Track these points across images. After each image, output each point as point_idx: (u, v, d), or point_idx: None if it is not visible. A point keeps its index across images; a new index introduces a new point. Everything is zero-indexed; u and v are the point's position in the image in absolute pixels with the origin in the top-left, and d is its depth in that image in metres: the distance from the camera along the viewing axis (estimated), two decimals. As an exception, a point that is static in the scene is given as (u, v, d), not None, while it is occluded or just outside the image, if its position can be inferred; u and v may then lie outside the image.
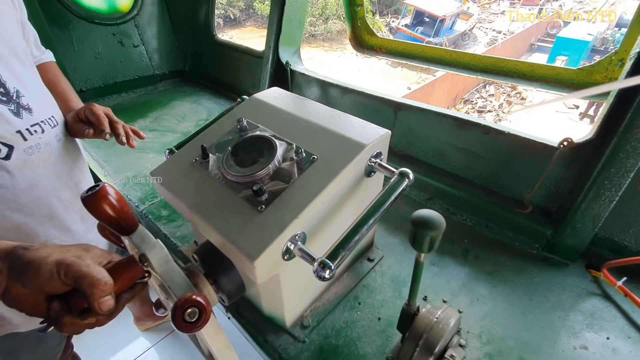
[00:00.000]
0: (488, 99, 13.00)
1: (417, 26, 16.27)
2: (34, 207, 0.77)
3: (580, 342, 0.77)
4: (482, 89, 13.45)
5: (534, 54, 16.55)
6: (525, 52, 16.57)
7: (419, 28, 16.16)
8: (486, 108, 12.31)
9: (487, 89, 13.37)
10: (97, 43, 1.94)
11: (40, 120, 0.79)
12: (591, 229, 0.90)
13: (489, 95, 13.13)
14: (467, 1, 19.33)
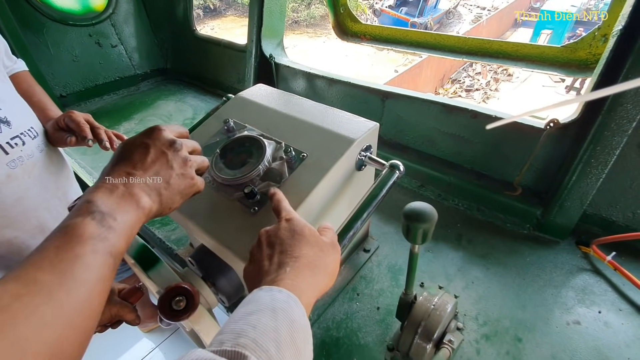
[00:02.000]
0: (475, 77, 12.99)
1: (401, 7, 16.05)
2: (23, 220, 0.76)
3: (573, 318, 0.80)
4: (469, 67, 13.41)
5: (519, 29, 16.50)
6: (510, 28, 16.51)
7: (403, 9, 15.95)
8: (474, 87, 12.32)
9: (474, 67, 13.33)
10: (74, 45, 1.88)
11: (20, 133, 0.77)
12: (579, 206, 0.92)
13: (476, 74, 13.11)
14: (450, -22, 19.08)
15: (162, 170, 0.48)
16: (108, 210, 0.41)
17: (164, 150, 0.49)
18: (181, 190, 0.51)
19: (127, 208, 0.43)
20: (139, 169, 0.46)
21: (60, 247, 0.36)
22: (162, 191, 0.48)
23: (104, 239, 0.38)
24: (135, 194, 0.44)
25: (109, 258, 0.38)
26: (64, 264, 0.34)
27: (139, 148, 0.48)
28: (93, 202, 0.41)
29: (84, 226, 0.38)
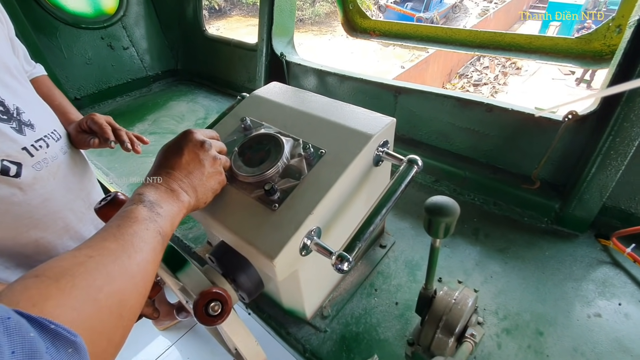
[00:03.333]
0: (483, 71, 12.84)
1: (406, 2, 15.92)
2: (49, 221, 0.78)
3: (593, 311, 0.79)
4: (476, 61, 13.27)
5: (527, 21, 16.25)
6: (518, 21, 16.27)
7: (409, 4, 15.81)
8: (482, 81, 12.18)
9: (481, 61, 13.19)
10: (87, 48, 1.91)
11: (44, 135, 0.79)
12: (599, 199, 0.91)
13: (484, 68, 12.96)
14: (456, -28, 18.85)
15: (196, 169, 0.57)
16: (155, 200, 0.50)
17: (196, 151, 0.58)
18: (212, 186, 0.60)
19: (170, 201, 0.52)
20: (176, 169, 0.55)
21: (121, 225, 0.44)
22: (197, 187, 0.57)
23: (154, 221, 0.47)
24: (175, 190, 0.53)
25: (158, 235, 0.47)
26: (125, 237, 0.43)
27: (175, 151, 0.57)
28: (143, 194, 0.50)
29: (137, 211, 0.47)
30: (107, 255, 0.40)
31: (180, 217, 0.53)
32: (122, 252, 0.41)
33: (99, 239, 0.42)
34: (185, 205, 0.54)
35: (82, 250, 0.40)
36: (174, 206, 0.52)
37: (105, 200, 0.64)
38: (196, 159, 0.58)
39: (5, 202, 0.70)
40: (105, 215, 0.63)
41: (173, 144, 0.59)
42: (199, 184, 0.58)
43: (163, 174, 0.55)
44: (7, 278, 0.75)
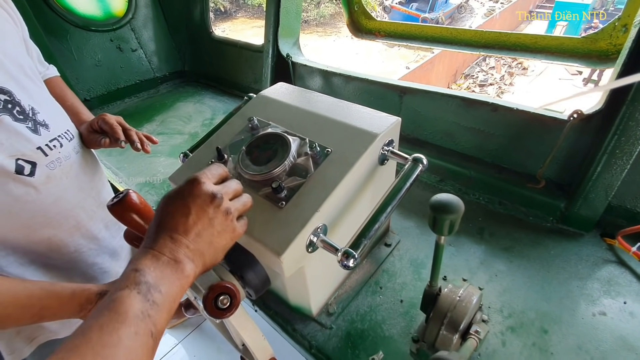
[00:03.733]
0: (489, 72, 12.77)
1: (411, 2, 15.89)
2: (62, 219, 0.80)
3: (598, 309, 0.79)
4: (482, 62, 13.20)
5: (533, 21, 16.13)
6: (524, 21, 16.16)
7: (414, 4, 15.78)
8: (488, 81, 12.11)
9: (487, 61, 13.11)
10: (96, 50, 1.95)
11: (58, 135, 0.81)
12: (604, 198, 0.91)
13: (490, 68, 12.89)
14: (461, -28, 18.79)
15: (204, 230, 0.48)
16: (154, 281, 0.41)
17: (204, 208, 0.48)
18: (223, 246, 0.52)
19: (172, 278, 0.43)
20: (181, 233, 0.46)
21: (104, 327, 0.36)
22: (205, 252, 0.48)
23: (147, 317, 0.38)
24: (180, 261, 0.45)
25: (150, 340, 0.38)
26: (106, 350, 0.34)
27: (180, 208, 0.48)
28: (140, 270, 0.41)
29: (129, 302, 0.38)
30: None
31: (182, 295, 0.45)
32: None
33: (75, 352, 0.34)
34: (190, 279, 0.46)
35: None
36: (175, 285, 0.43)
37: (117, 198, 0.66)
38: (205, 217, 0.48)
39: (19, 200, 0.72)
40: (117, 212, 0.64)
41: (177, 197, 0.49)
42: (207, 248, 0.48)
43: (167, 239, 0.46)
44: (21, 274, 0.77)
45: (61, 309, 0.69)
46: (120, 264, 0.99)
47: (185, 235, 0.47)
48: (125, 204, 0.64)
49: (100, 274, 0.92)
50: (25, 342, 0.85)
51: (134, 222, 0.65)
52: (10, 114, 0.71)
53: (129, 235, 0.81)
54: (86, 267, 0.88)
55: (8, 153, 0.69)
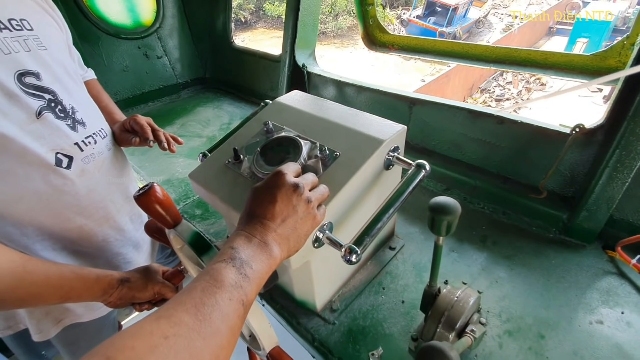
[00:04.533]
0: (506, 87, 12.68)
1: (429, 17, 16.00)
2: (93, 210, 0.87)
3: (596, 317, 0.81)
4: (499, 77, 13.13)
5: (552, 37, 15.99)
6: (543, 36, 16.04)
7: (431, 18, 15.89)
8: (504, 96, 12.02)
9: (504, 76, 13.04)
10: (125, 57, 2.07)
11: (93, 133, 0.89)
12: (606, 211, 0.93)
13: (507, 83, 12.80)
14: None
15: (289, 217, 0.54)
16: (246, 258, 0.48)
17: (289, 197, 0.55)
18: (306, 232, 0.57)
19: (261, 257, 0.50)
20: (269, 219, 0.53)
21: (205, 290, 0.42)
22: (290, 237, 0.54)
23: (240, 287, 0.44)
24: (268, 244, 0.51)
25: (240, 307, 0.44)
26: (206, 308, 0.40)
27: (268, 197, 0.55)
28: (235, 248, 0.48)
29: (225, 272, 0.45)
30: (182, 336, 0.37)
31: (269, 275, 0.51)
32: (198, 333, 0.38)
33: (181, 306, 0.40)
34: (277, 261, 0.52)
35: (161, 322, 0.37)
36: (264, 264, 0.49)
37: (143, 190, 0.72)
38: (289, 205, 0.54)
39: (57, 190, 0.80)
40: (143, 202, 0.71)
41: (264, 188, 0.56)
42: (291, 233, 0.54)
43: (257, 224, 0.53)
44: (53, 258, 0.84)
45: (86, 291, 0.75)
46: (141, 256, 1.06)
47: (272, 220, 0.53)
48: (151, 195, 0.71)
49: (123, 263, 0.99)
50: (52, 323, 0.92)
51: (157, 213, 0.72)
52: (52, 112, 0.79)
53: (150, 227, 0.88)
54: (111, 256, 0.96)
55: (49, 147, 0.77)
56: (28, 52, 0.76)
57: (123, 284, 0.80)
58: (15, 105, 0.71)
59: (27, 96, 0.73)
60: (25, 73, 0.74)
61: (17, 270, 0.65)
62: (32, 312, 0.88)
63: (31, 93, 0.74)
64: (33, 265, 0.67)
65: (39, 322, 0.90)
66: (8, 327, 0.91)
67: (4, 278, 0.63)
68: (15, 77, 0.72)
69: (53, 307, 0.90)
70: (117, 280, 0.80)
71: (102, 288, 0.77)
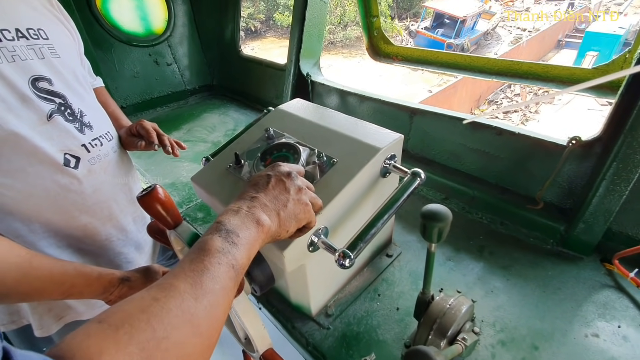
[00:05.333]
0: (514, 98, 12.66)
1: (437, 28, 16.12)
2: (97, 209, 0.90)
3: (591, 331, 0.81)
4: (507, 88, 13.11)
5: (561, 50, 15.97)
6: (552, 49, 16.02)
7: (439, 30, 16.01)
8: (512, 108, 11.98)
9: (512, 88, 13.03)
10: (135, 63, 2.14)
11: (99, 135, 0.92)
12: (603, 223, 0.93)
13: (515, 95, 12.78)
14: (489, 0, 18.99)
15: (281, 194, 0.57)
16: (232, 228, 0.49)
17: (282, 179, 0.59)
18: (296, 214, 0.59)
19: (248, 225, 0.51)
20: (261, 193, 0.56)
21: (193, 259, 0.44)
22: (280, 212, 0.56)
23: (227, 253, 0.46)
24: (255, 214, 0.53)
25: (231, 270, 0.45)
26: (195, 273, 0.41)
27: (263, 177, 0.60)
28: (221, 222, 0.49)
29: (212, 242, 0.46)
30: (173, 297, 0.38)
31: (260, 243, 0.52)
32: (190, 294, 0.39)
33: (172, 275, 0.41)
34: (265, 229, 0.53)
35: (152, 290, 0.39)
36: (252, 231, 0.51)
37: (146, 191, 0.75)
38: (282, 184, 0.58)
39: (63, 189, 0.83)
40: (145, 203, 0.74)
41: (260, 174, 0.61)
42: (282, 209, 0.56)
43: (247, 197, 0.56)
44: (58, 256, 0.87)
45: (87, 287, 0.78)
46: (142, 256, 1.08)
47: (264, 194, 0.56)
48: (153, 196, 0.73)
49: (125, 263, 1.01)
50: (54, 320, 0.94)
51: (160, 214, 0.74)
52: (62, 115, 0.82)
53: (152, 229, 0.90)
54: (114, 255, 0.98)
55: (58, 148, 0.81)
56: (42, 60, 0.80)
57: (124, 282, 0.83)
58: (29, 108, 0.75)
59: (39, 100, 0.77)
60: (39, 78, 0.78)
61: (23, 265, 0.67)
62: (35, 308, 0.91)
63: (43, 97, 0.78)
64: (38, 261, 0.70)
65: (41, 317, 0.92)
66: (12, 321, 0.94)
67: (10, 272, 0.65)
68: (30, 82, 0.76)
69: (55, 304, 0.92)
70: (118, 279, 0.82)
71: (103, 286, 0.79)
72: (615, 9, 16.86)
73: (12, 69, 0.73)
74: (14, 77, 0.73)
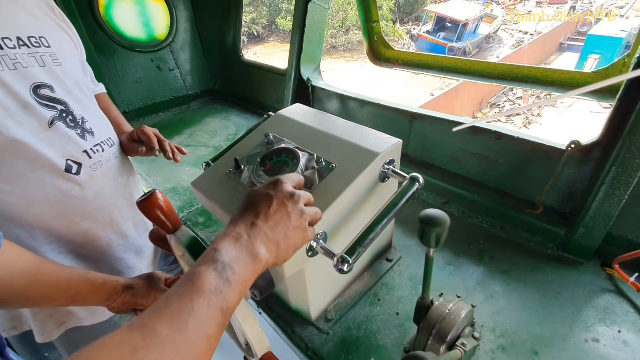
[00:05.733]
0: (516, 101, 12.64)
1: (438, 32, 16.15)
2: (98, 214, 0.91)
3: (591, 335, 0.81)
4: (509, 91, 13.09)
5: (563, 53, 15.95)
6: (554, 52, 16.01)
7: (441, 34, 16.03)
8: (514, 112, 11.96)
9: (514, 91, 13.00)
10: (138, 69, 2.16)
11: (101, 141, 0.93)
12: (603, 227, 0.93)
13: (517, 98, 12.76)
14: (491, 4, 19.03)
15: (282, 221, 0.53)
16: (229, 260, 0.46)
17: (285, 202, 0.55)
18: (295, 243, 0.56)
19: (246, 260, 0.48)
20: (262, 219, 0.52)
21: (182, 296, 0.41)
22: (280, 243, 0.53)
23: (219, 293, 0.42)
24: (255, 245, 0.49)
25: (219, 314, 0.42)
26: (182, 316, 0.38)
27: (264, 198, 0.55)
28: (218, 250, 0.46)
29: (205, 277, 0.42)
30: (152, 347, 0.35)
31: (254, 278, 0.50)
32: (171, 344, 0.36)
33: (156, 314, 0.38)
34: (263, 264, 0.50)
35: (133, 332, 0.36)
36: (249, 268, 0.48)
37: (145, 196, 0.76)
38: (284, 209, 0.54)
39: (65, 195, 0.84)
40: (145, 208, 0.74)
41: (261, 191, 0.56)
42: (282, 239, 0.53)
43: (248, 222, 0.52)
44: (59, 261, 0.88)
45: (91, 294, 0.78)
46: (143, 262, 1.09)
47: (265, 221, 0.52)
48: (152, 201, 0.74)
49: (125, 268, 1.02)
50: (55, 325, 0.94)
51: (159, 219, 0.75)
52: (64, 121, 0.84)
53: (154, 235, 0.91)
54: (114, 260, 0.99)
55: (60, 154, 0.82)
56: (43, 67, 0.81)
57: (127, 290, 0.83)
58: (30, 115, 0.76)
59: (41, 107, 0.78)
60: (40, 85, 0.79)
61: (31, 270, 0.67)
62: (36, 314, 0.91)
63: (45, 104, 0.79)
64: (46, 267, 0.70)
65: (42, 323, 0.92)
66: (13, 327, 0.94)
67: (18, 278, 0.65)
68: (31, 89, 0.77)
69: (56, 310, 0.92)
70: (122, 286, 0.83)
71: (107, 293, 0.80)
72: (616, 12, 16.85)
73: (14, 77, 0.74)
74: (16, 84, 0.74)
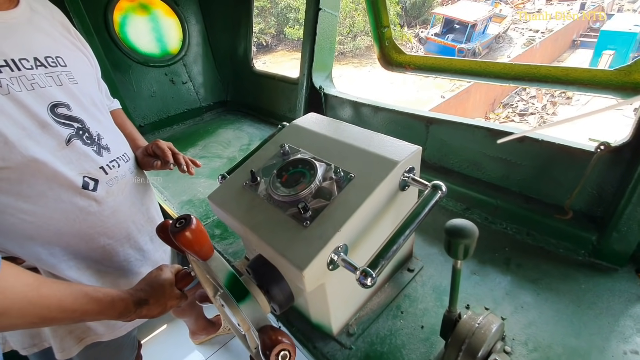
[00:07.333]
0: (529, 101, 12.40)
1: (447, 34, 16.04)
2: (116, 230, 0.91)
3: (630, 347, 0.75)
4: (521, 91, 12.86)
5: (577, 50, 15.62)
6: (567, 50, 15.69)
7: (450, 36, 15.92)
8: (528, 111, 11.73)
9: (527, 91, 12.75)
10: (152, 83, 2.19)
11: (117, 157, 0.94)
12: (637, 232, 0.88)
13: (530, 97, 12.52)
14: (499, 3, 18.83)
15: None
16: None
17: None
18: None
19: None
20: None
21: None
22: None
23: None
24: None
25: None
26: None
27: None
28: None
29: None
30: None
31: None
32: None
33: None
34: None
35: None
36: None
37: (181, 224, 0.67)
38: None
39: (83, 211, 0.85)
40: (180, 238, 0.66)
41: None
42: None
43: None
44: (78, 278, 0.88)
45: (101, 313, 0.74)
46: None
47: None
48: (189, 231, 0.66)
49: (143, 283, 1.01)
50: (75, 342, 0.94)
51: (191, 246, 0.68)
52: (80, 138, 0.84)
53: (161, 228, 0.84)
54: (132, 275, 0.98)
55: (77, 171, 0.82)
56: (60, 86, 0.82)
57: (141, 306, 0.79)
58: (48, 134, 0.77)
59: (58, 125, 0.79)
60: (58, 104, 0.80)
61: (30, 294, 0.63)
62: (56, 331, 0.91)
63: (62, 122, 0.80)
64: (47, 289, 0.66)
65: (62, 340, 0.92)
66: (33, 344, 0.95)
67: (14, 304, 0.61)
68: (49, 108, 0.78)
69: (75, 326, 0.92)
70: (133, 303, 0.78)
71: (117, 312, 0.76)
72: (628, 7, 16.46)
73: (32, 97, 0.75)
74: (34, 105, 0.75)
